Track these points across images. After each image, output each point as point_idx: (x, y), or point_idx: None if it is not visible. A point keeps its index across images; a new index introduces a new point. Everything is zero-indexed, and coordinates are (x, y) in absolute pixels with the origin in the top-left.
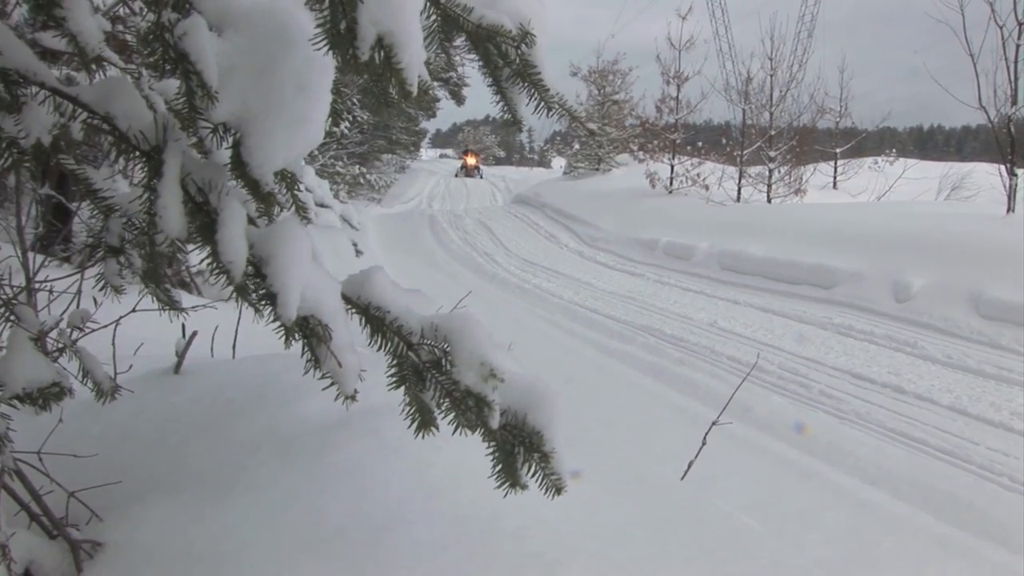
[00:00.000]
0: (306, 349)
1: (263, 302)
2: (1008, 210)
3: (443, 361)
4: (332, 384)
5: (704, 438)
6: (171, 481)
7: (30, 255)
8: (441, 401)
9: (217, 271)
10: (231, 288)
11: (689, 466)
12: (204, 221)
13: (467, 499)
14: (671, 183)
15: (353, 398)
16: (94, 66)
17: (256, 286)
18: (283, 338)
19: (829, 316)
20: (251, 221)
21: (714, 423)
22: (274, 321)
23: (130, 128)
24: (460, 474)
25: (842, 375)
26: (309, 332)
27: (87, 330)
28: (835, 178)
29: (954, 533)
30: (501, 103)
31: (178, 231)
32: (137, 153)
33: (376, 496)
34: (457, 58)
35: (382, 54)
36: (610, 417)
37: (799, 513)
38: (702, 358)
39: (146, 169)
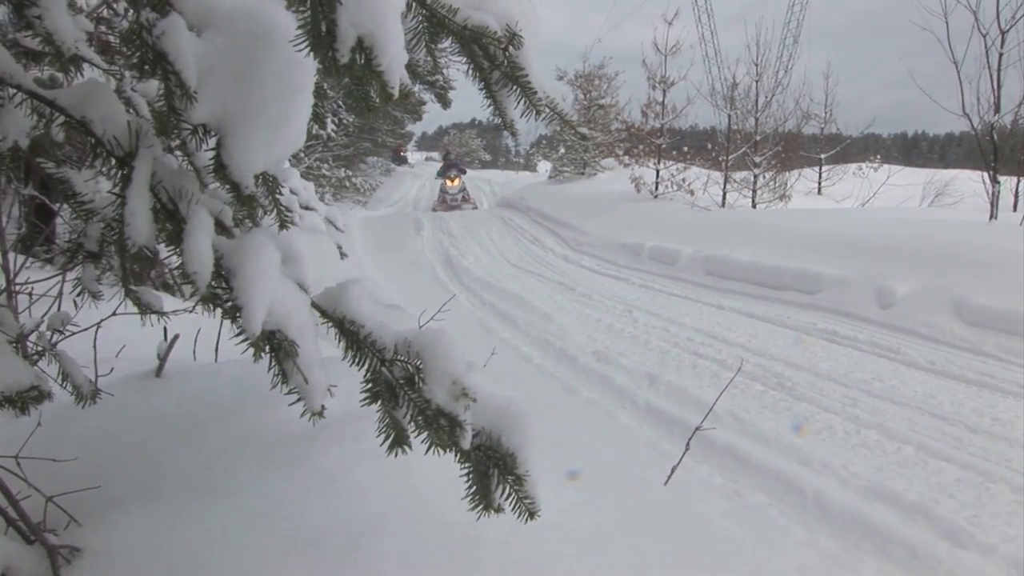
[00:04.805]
0: (273, 363)
1: (230, 313)
2: (991, 217)
3: (416, 378)
4: (299, 400)
5: (687, 443)
6: (151, 485)
7: (11, 256)
8: (415, 419)
9: (185, 280)
10: (198, 297)
11: (672, 471)
12: (175, 228)
13: (448, 505)
14: (656, 188)
15: (320, 415)
16: (73, 67)
17: (225, 296)
18: (249, 351)
19: (813, 322)
20: (226, 229)
21: (697, 428)
22: (239, 334)
23: (105, 133)
24: (441, 480)
25: (826, 381)
26: (276, 346)
27: (67, 333)
28: (820, 184)
29: (931, 539)
30: (492, 106)
31: (145, 238)
32: (112, 158)
33: (357, 501)
34: (443, 60)
35: (362, 56)
36: (591, 421)
37: (781, 519)
38: (686, 363)
39: (119, 174)
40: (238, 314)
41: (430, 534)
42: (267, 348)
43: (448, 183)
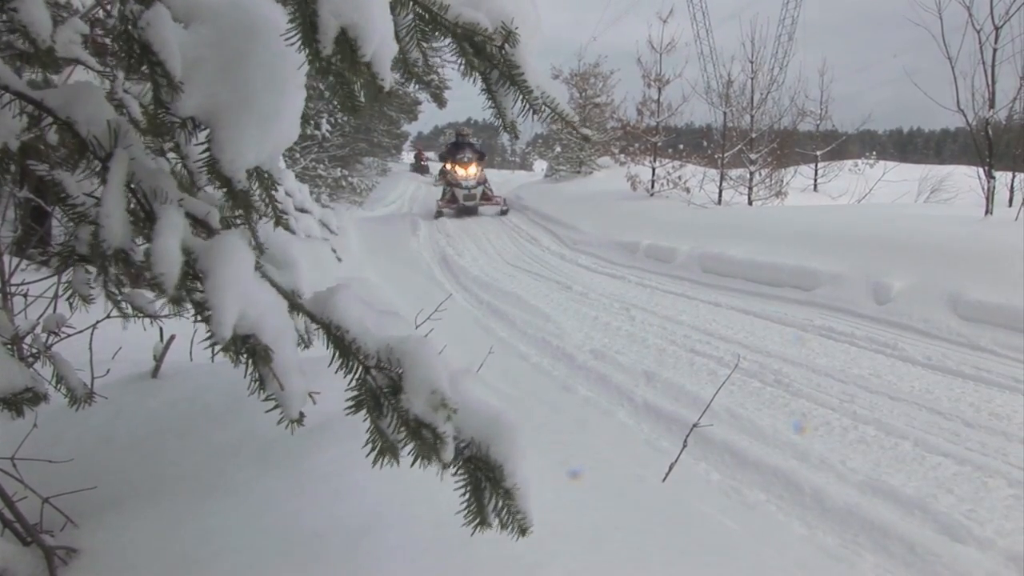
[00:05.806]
0: (251, 368)
1: (202, 316)
2: (986, 212)
3: (398, 387)
4: (276, 407)
5: (685, 440)
6: (148, 486)
7: (6, 258)
8: (399, 429)
9: (153, 281)
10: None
11: (670, 468)
12: (150, 230)
13: (445, 503)
14: (652, 186)
15: (299, 422)
16: (49, 61)
17: (197, 299)
18: (218, 355)
19: (810, 318)
20: (211, 231)
21: (695, 425)
22: (209, 338)
23: (88, 134)
24: (438, 479)
25: (823, 377)
26: (251, 351)
27: (63, 335)
28: (816, 180)
29: (928, 534)
30: (492, 107)
31: (120, 239)
32: (97, 160)
33: (354, 501)
34: (438, 59)
35: (347, 48)
36: (589, 419)
37: (779, 515)
38: (683, 361)
39: (102, 176)
40: (208, 317)
41: (428, 532)
42: (243, 353)
43: (460, 169)
